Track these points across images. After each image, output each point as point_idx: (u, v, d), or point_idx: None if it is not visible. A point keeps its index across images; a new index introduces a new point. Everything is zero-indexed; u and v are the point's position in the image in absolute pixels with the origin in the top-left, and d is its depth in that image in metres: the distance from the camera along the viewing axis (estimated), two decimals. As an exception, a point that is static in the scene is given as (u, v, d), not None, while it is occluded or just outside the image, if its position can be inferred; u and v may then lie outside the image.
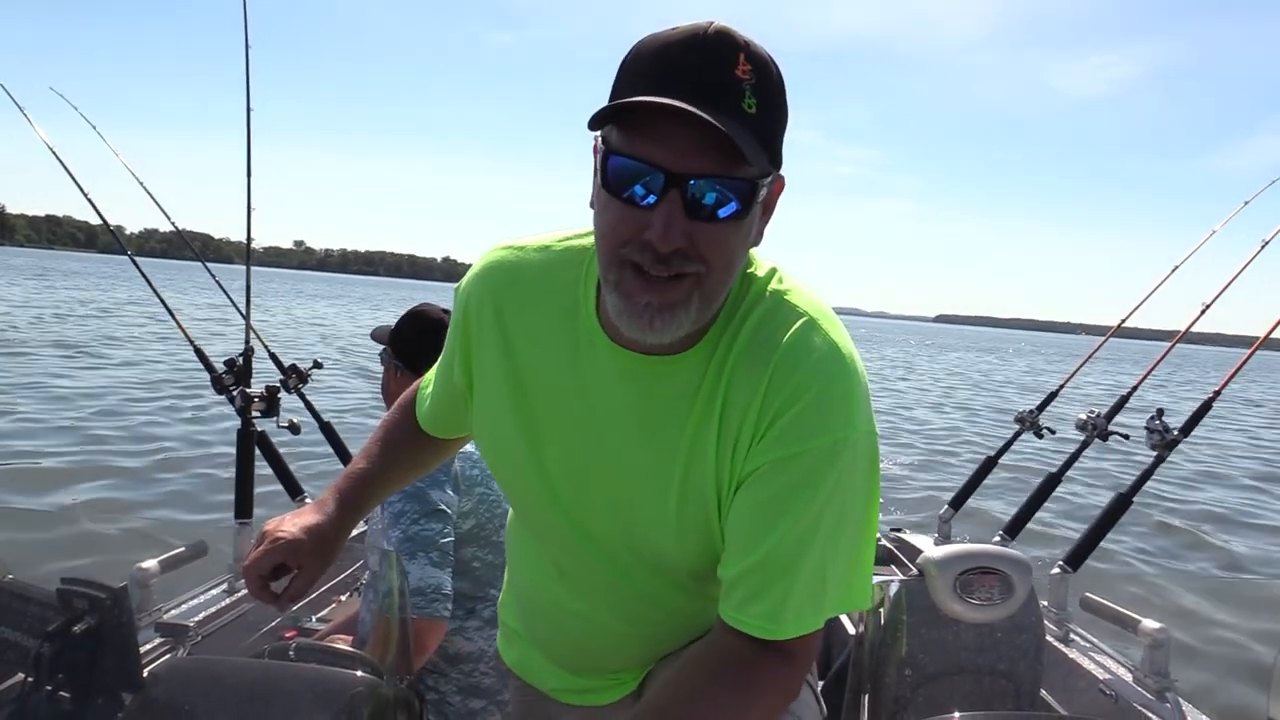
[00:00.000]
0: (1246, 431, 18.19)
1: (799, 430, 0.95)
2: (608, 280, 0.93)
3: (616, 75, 0.91)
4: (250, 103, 3.17)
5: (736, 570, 0.99)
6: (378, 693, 1.14)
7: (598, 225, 0.94)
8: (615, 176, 0.88)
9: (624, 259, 0.90)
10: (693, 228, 0.87)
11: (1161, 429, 3.00)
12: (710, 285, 0.92)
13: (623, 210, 0.89)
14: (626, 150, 0.87)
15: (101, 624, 1.06)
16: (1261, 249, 3.36)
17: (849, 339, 1.01)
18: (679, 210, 0.86)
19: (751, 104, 0.86)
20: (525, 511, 1.22)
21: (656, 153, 0.86)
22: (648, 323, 0.91)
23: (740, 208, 0.88)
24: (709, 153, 0.85)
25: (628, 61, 0.90)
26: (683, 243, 0.87)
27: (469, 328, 1.13)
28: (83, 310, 24.35)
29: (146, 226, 17.42)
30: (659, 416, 1.02)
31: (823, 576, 0.98)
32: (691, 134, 0.84)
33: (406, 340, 2.13)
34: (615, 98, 0.89)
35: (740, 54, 0.86)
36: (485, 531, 1.99)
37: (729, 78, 0.85)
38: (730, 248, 0.91)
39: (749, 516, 0.98)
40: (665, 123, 0.84)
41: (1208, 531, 8.32)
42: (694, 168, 0.85)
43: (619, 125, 0.88)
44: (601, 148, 0.90)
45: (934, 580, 2.15)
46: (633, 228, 0.88)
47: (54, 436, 7.87)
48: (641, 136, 0.86)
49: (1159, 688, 2.45)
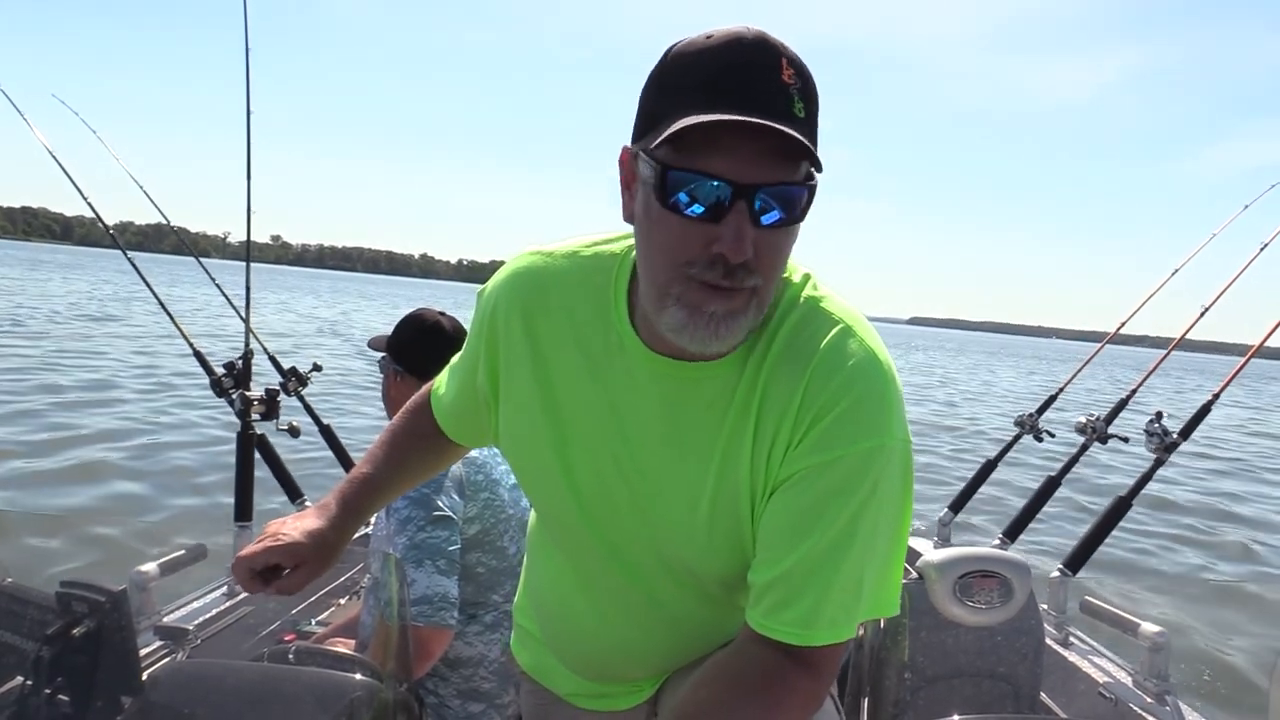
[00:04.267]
0: (1245, 430, 18.20)
1: (836, 436, 0.95)
2: (668, 294, 0.91)
3: (657, 87, 0.90)
4: (250, 105, 3.17)
5: (769, 576, 0.98)
6: (377, 696, 1.14)
7: (653, 242, 0.91)
8: (674, 191, 0.87)
9: (690, 277, 0.89)
10: (759, 237, 0.87)
11: (1161, 432, 3.00)
12: (764, 295, 0.92)
13: (686, 226, 0.87)
14: (687, 165, 0.86)
15: (101, 627, 1.06)
16: (1260, 251, 3.37)
17: (884, 346, 1.00)
18: (747, 221, 0.86)
19: (800, 108, 0.86)
20: (549, 518, 1.20)
21: (719, 165, 0.85)
22: (714, 332, 0.90)
23: (799, 212, 0.88)
24: (769, 161, 0.85)
25: (669, 73, 0.89)
26: (751, 254, 0.87)
27: (495, 333, 1.11)
28: (88, 305, 24.37)
29: (122, 219, 17.51)
30: (691, 422, 1.02)
31: (859, 583, 0.97)
32: (750, 144, 0.84)
33: (405, 345, 2.13)
34: (659, 111, 0.88)
35: (783, 59, 0.86)
36: (489, 537, 1.99)
37: (778, 84, 0.85)
38: (784, 255, 0.91)
39: (784, 522, 0.98)
40: (725, 135, 0.83)
41: (1208, 534, 8.32)
42: (759, 177, 0.85)
43: (673, 141, 0.86)
44: (653, 164, 0.88)
45: (933, 583, 2.15)
46: (699, 243, 0.87)
47: (51, 436, 7.86)
48: (701, 151, 0.85)
49: (1158, 691, 2.45)
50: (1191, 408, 3.00)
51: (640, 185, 0.92)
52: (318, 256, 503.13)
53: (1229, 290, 3.36)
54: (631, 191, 0.95)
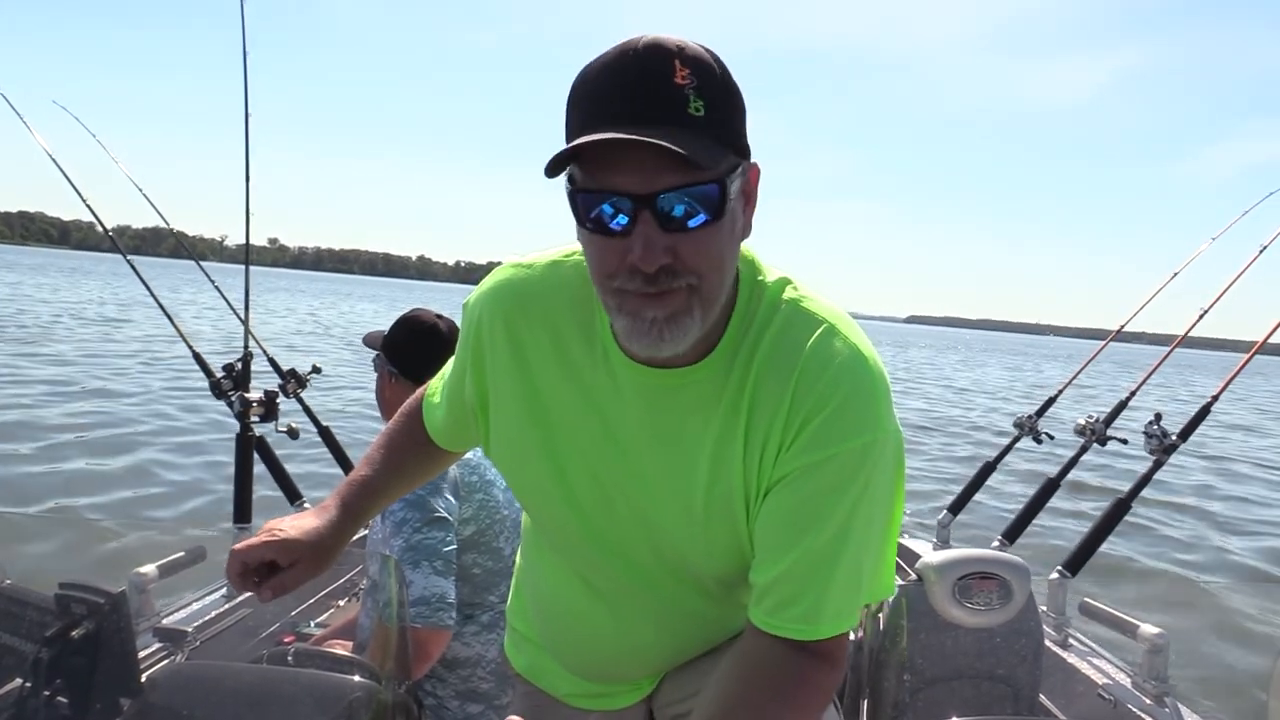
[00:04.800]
0: (1245, 431, 18.20)
1: (828, 434, 0.96)
2: (609, 307, 0.94)
3: (567, 108, 0.91)
4: (248, 108, 3.17)
5: (770, 575, 0.99)
6: (376, 698, 1.14)
7: (587, 261, 0.95)
8: (586, 211, 0.89)
9: (617, 289, 0.91)
10: (673, 241, 0.88)
11: (1160, 434, 3.01)
12: (707, 290, 0.92)
13: (603, 243, 0.90)
14: (591, 185, 0.88)
15: (100, 629, 1.06)
16: (1260, 254, 3.37)
17: (869, 343, 1.01)
18: (654, 228, 0.87)
19: (699, 106, 0.86)
20: (546, 525, 1.21)
21: (619, 179, 0.86)
22: (658, 336, 0.92)
23: (712, 212, 0.89)
24: (669, 166, 0.85)
25: (572, 95, 0.91)
26: (667, 259, 0.88)
27: (480, 345, 1.12)
28: (90, 311, 24.37)
29: (119, 223, 17.48)
30: (678, 427, 1.03)
31: (858, 575, 1.00)
32: (648, 152, 0.84)
33: (400, 346, 2.12)
34: (566, 133, 0.90)
35: (674, 60, 0.86)
36: (485, 538, 1.99)
37: (669, 88, 0.86)
38: (716, 250, 0.92)
39: (781, 521, 0.99)
40: (620, 149, 0.85)
41: (1207, 535, 8.32)
42: (657, 184, 0.86)
43: (578, 162, 0.89)
44: (568, 186, 0.91)
45: (933, 585, 2.16)
46: (616, 256, 0.89)
47: (51, 438, 7.86)
48: (600, 168, 0.87)
49: (1158, 692, 2.45)
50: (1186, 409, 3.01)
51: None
52: (315, 259, 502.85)
53: (1229, 290, 3.36)
54: None
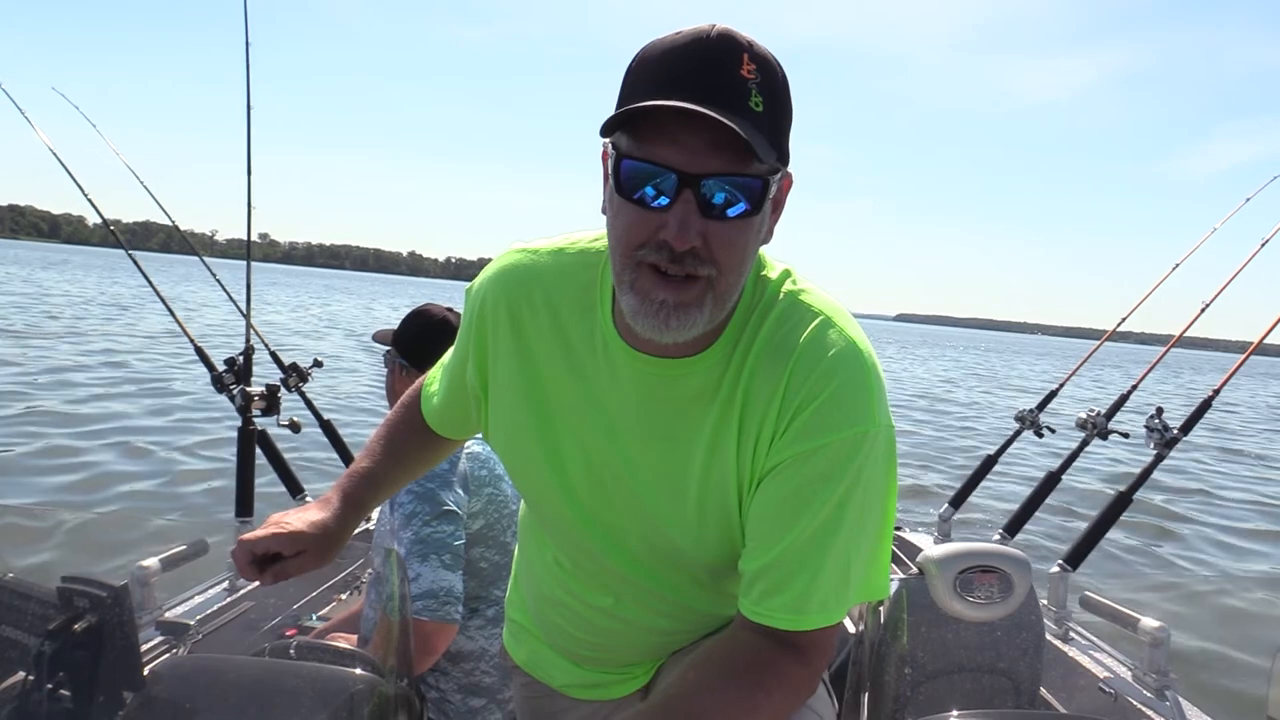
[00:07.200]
0: (1246, 427, 18.19)
1: (820, 425, 0.97)
2: (623, 281, 0.94)
3: (623, 82, 0.92)
4: (250, 100, 3.17)
5: (759, 564, 1.00)
6: (378, 691, 1.15)
7: (612, 229, 0.95)
8: (629, 180, 0.89)
9: (640, 260, 0.91)
10: (707, 227, 0.88)
11: (1161, 428, 3.01)
12: (722, 288, 0.93)
13: (637, 213, 0.90)
14: (639, 154, 0.88)
15: (102, 622, 1.06)
16: (1261, 247, 3.36)
17: (864, 336, 1.02)
18: (693, 209, 0.88)
19: (759, 102, 0.87)
20: (542, 510, 1.22)
21: (668, 154, 0.87)
22: (664, 320, 0.92)
23: (752, 205, 0.90)
24: (720, 152, 0.86)
25: (634, 68, 0.91)
26: (697, 241, 0.89)
27: (483, 330, 1.13)
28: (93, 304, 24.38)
29: (109, 216, 17.45)
30: (675, 418, 1.03)
31: (846, 568, 1.00)
32: (702, 135, 0.85)
33: (411, 339, 2.14)
34: (623, 104, 0.90)
35: (744, 54, 0.87)
36: (493, 532, 1.99)
37: (735, 78, 0.86)
38: (742, 247, 0.92)
39: (771, 510, 1.00)
40: (675, 125, 0.85)
41: (1207, 529, 8.32)
42: (706, 167, 0.87)
43: (629, 131, 0.89)
44: (613, 153, 0.91)
45: (934, 579, 2.15)
46: (648, 229, 0.90)
47: (52, 432, 7.87)
48: (653, 140, 0.87)
49: (1158, 686, 2.46)
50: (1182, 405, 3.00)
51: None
52: (306, 254, 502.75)
53: (1228, 287, 3.36)
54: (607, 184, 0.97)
